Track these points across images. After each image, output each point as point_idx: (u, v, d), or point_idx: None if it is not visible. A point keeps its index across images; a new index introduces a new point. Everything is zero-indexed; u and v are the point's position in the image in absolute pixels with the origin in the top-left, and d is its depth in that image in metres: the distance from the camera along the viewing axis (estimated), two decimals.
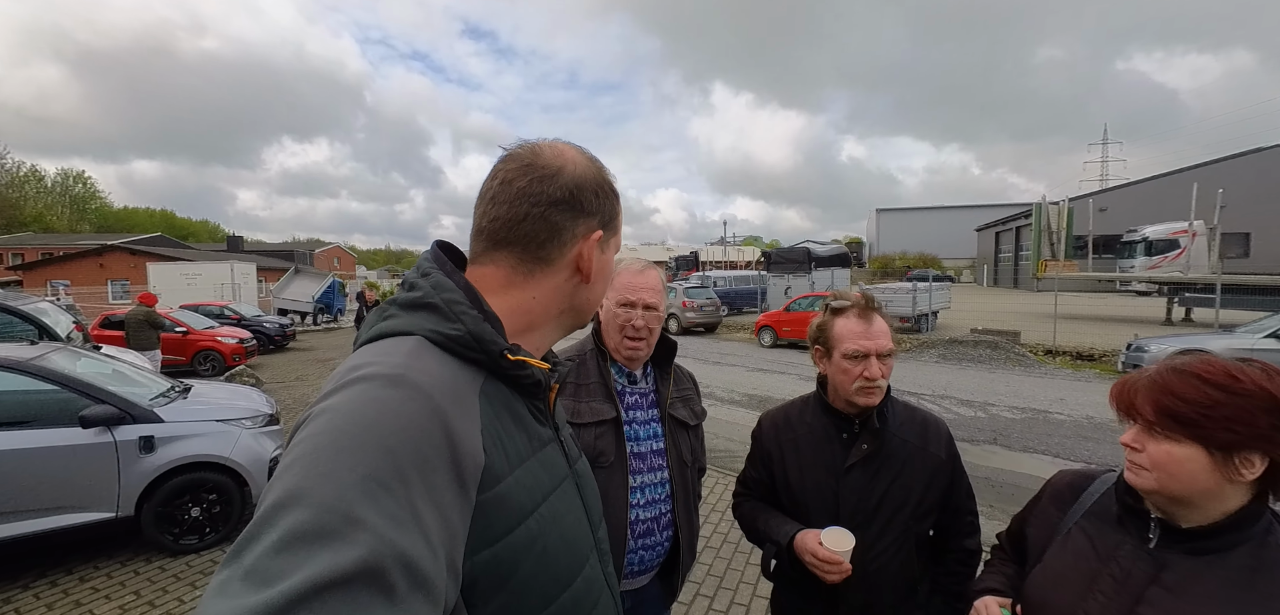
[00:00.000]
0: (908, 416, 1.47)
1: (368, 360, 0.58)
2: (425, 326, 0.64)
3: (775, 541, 1.44)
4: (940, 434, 1.46)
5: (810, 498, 1.45)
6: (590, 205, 0.73)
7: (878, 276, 37.80)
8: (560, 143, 0.75)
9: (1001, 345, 12.52)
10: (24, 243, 44.55)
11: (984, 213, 56.02)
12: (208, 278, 22.72)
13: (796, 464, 1.49)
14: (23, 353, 4.04)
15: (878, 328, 1.39)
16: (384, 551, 0.43)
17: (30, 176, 57.34)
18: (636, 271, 1.57)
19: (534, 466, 0.67)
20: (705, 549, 3.89)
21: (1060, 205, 17.89)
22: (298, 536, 0.42)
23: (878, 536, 1.38)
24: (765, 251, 25.55)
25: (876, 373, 1.35)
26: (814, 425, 1.49)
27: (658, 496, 1.55)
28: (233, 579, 0.41)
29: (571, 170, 0.72)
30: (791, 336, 14.67)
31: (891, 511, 1.39)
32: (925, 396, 8.81)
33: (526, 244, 0.71)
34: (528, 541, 0.62)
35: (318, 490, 0.45)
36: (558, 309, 0.76)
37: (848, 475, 1.40)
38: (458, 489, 0.54)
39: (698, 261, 45.59)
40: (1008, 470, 5.58)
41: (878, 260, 55.15)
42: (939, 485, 1.42)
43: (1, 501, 3.37)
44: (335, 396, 0.54)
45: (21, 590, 3.40)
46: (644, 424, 1.59)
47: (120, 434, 3.67)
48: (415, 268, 0.72)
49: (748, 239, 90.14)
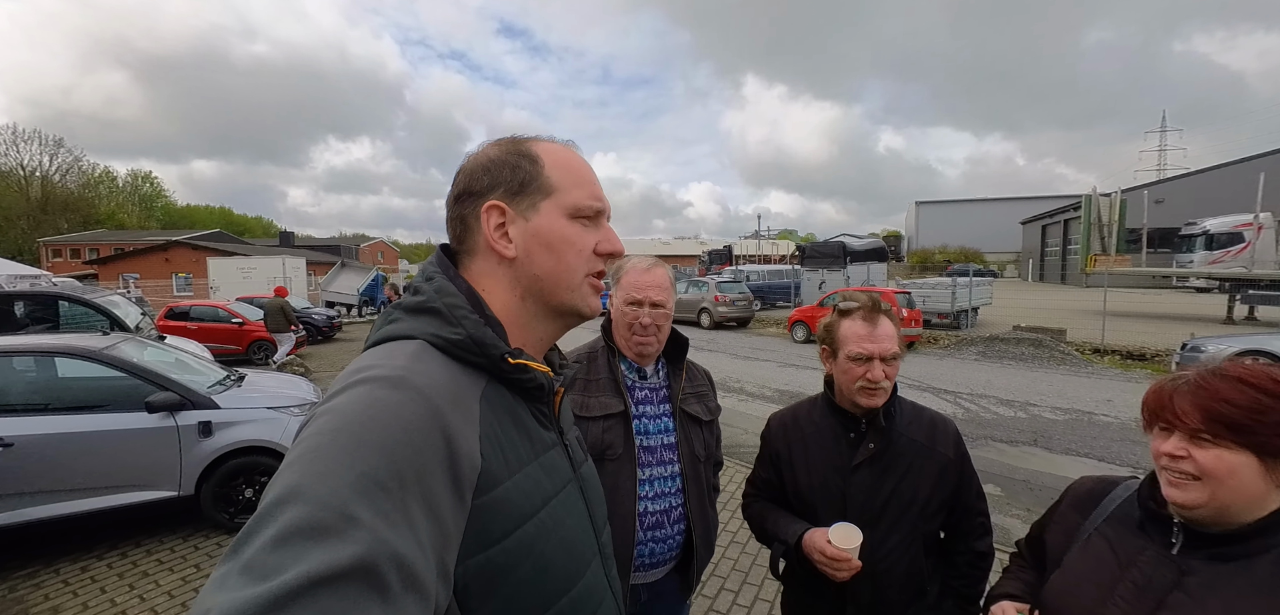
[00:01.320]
0: (915, 416, 1.48)
1: (371, 363, 0.60)
2: (427, 330, 0.65)
3: (783, 541, 1.46)
4: (948, 434, 1.46)
5: (818, 497, 1.46)
6: (480, 184, 0.72)
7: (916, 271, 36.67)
8: (500, 137, 0.78)
9: (1045, 343, 12.05)
10: (99, 239, 47.71)
11: (1030, 205, 53.66)
12: (261, 271, 23.81)
13: (804, 464, 1.50)
14: (95, 342, 4.39)
15: (883, 331, 1.40)
16: (378, 550, 0.44)
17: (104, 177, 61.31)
18: (643, 270, 1.59)
19: (534, 471, 0.67)
20: (731, 543, 3.94)
21: (1112, 197, 16.98)
22: (294, 532, 0.43)
23: (886, 536, 1.39)
24: (800, 245, 25.15)
25: (879, 375, 1.37)
26: (821, 425, 1.51)
27: (668, 490, 1.57)
28: (232, 572, 0.42)
29: (469, 163, 0.75)
30: None
31: (899, 511, 1.40)
32: (963, 395, 8.59)
33: (458, 244, 0.76)
34: (525, 546, 0.62)
35: (315, 488, 0.46)
36: (516, 296, 0.73)
37: (855, 474, 1.41)
38: (453, 492, 0.54)
39: (731, 255, 45.17)
40: (1048, 473, 5.42)
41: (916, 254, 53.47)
42: (947, 485, 1.43)
43: (78, 479, 3.71)
44: (338, 398, 0.56)
45: (96, 560, 3.73)
46: (654, 418, 1.61)
47: (181, 419, 3.97)
48: (420, 272, 0.73)
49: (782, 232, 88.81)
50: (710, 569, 3.60)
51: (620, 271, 1.63)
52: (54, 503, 3.66)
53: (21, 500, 3.58)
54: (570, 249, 0.73)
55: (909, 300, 13.55)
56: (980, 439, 6.46)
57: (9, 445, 3.54)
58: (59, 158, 53.57)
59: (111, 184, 62.74)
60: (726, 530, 4.13)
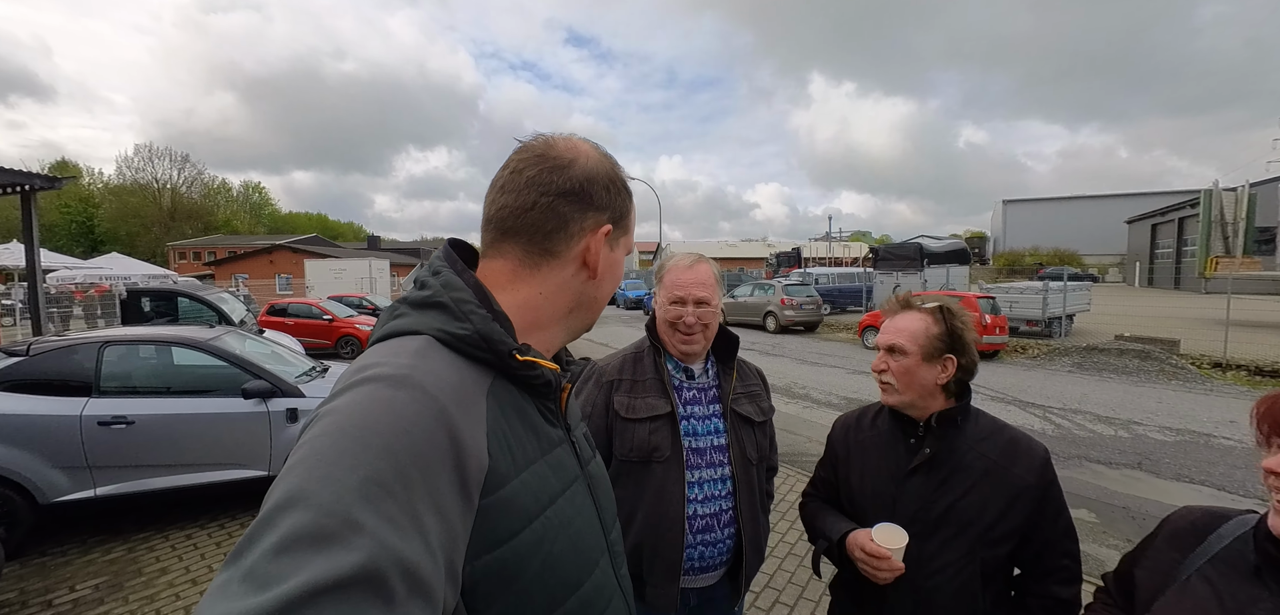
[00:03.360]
0: (993, 431, 1.36)
1: (375, 360, 0.58)
2: (433, 326, 0.63)
3: (826, 537, 1.42)
4: (1033, 458, 1.32)
5: (868, 501, 1.41)
6: (600, 199, 0.72)
7: (1003, 274, 34.01)
8: (576, 137, 0.75)
9: (1154, 355, 10.86)
10: (216, 243, 53.23)
11: (1136, 202, 48.50)
12: (351, 272, 25.83)
13: (861, 466, 1.46)
14: (204, 334, 4.88)
15: (895, 323, 1.39)
16: (382, 556, 0.43)
17: (221, 188, 68.37)
18: (685, 267, 1.55)
19: (542, 469, 0.66)
20: (788, 555, 3.82)
21: (1238, 192, 15.08)
22: (296, 539, 0.42)
23: (938, 551, 1.30)
24: (873, 247, 24.10)
25: (879, 366, 1.38)
26: (882, 428, 1.46)
27: (718, 493, 1.53)
28: (233, 580, 0.41)
29: (583, 163, 0.71)
30: None
31: (956, 527, 1.30)
32: (1053, 410, 7.90)
33: (533, 234, 0.70)
34: (533, 545, 0.61)
35: (317, 493, 0.44)
36: (566, 307, 0.74)
37: (908, 480, 1.35)
38: (460, 492, 0.53)
39: (799, 258, 43.99)
40: (1153, 500, 4.87)
41: (1003, 256, 49.67)
42: (1021, 513, 1.29)
43: (186, 456, 4.14)
44: (341, 397, 0.54)
45: (199, 529, 4.15)
46: (703, 419, 1.56)
47: (272, 406, 4.33)
48: (426, 265, 0.72)
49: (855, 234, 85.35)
50: (765, 580, 3.50)
51: (662, 270, 1.59)
52: (166, 476, 4.11)
53: (140, 472, 4.05)
54: (617, 282, 0.79)
55: (993, 306, 12.63)
56: (1073, 459, 5.90)
57: (131, 423, 4.01)
58: (185, 171, 60.41)
59: (227, 194, 69.81)
60: (784, 540, 4.01)
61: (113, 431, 3.97)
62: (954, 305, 1.41)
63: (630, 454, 1.50)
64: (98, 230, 53.91)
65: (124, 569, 3.62)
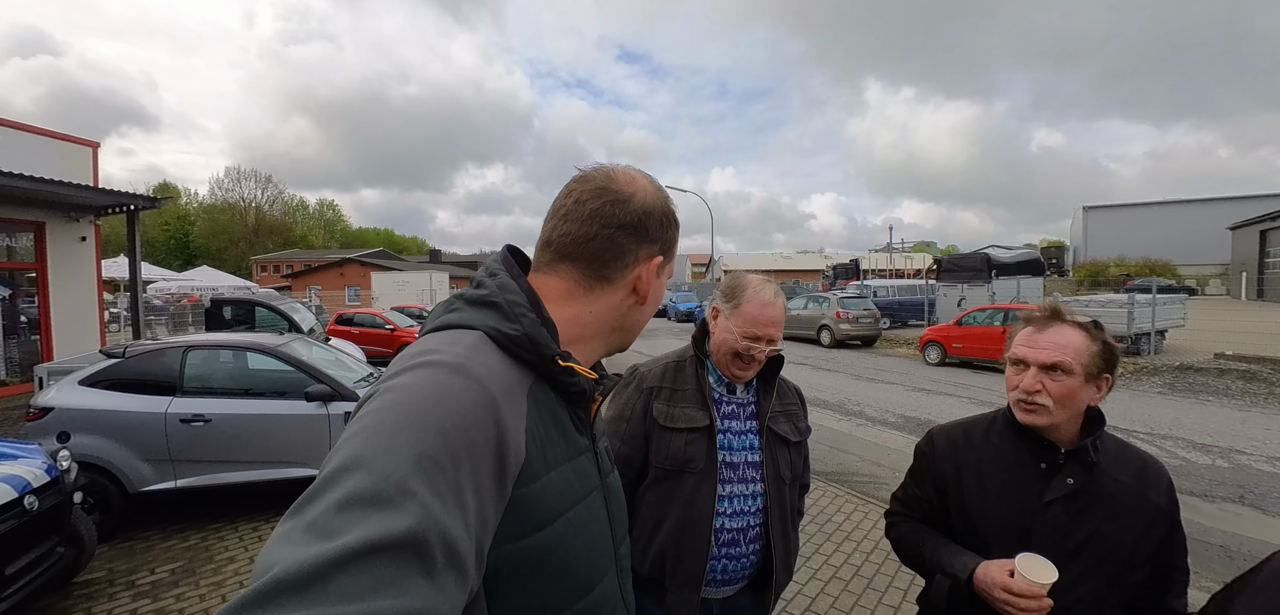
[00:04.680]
0: (1120, 453, 1.28)
1: (433, 348, 0.62)
2: (487, 323, 0.67)
3: (951, 573, 1.28)
4: (1160, 478, 1.25)
5: (993, 528, 1.28)
6: (655, 232, 0.77)
7: (1084, 285, 31.56)
8: (633, 170, 0.80)
9: (1261, 376, 9.79)
10: (293, 257, 57.18)
11: (1241, 206, 43.28)
12: (413, 285, 27.16)
13: (978, 489, 1.32)
14: (275, 340, 5.22)
15: (1049, 337, 1.23)
16: (429, 526, 0.46)
17: (299, 206, 73.45)
18: (767, 301, 1.50)
19: (568, 472, 0.69)
20: (833, 578, 3.66)
21: None
22: (357, 499, 0.46)
23: (1072, 585, 1.18)
24: (937, 258, 22.97)
25: (1033, 386, 1.22)
26: (1002, 447, 1.33)
27: (748, 509, 1.52)
28: (296, 529, 0.45)
29: (642, 198, 0.76)
30: (964, 354, 13.01)
31: (1096, 559, 1.20)
32: (1140, 435, 7.23)
33: (592, 261, 0.74)
34: (553, 543, 0.64)
35: (378, 460, 0.48)
36: (610, 326, 0.79)
37: (1047, 511, 1.23)
38: (497, 479, 0.57)
39: (858, 270, 42.55)
40: (1257, 539, 4.35)
41: (1084, 267, 46.19)
42: (1155, 536, 1.21)
43: (256, 453, 4.44)
44: (401, 377, 0.58)
45: (264, 523, 4.43)
46: (739, 434, 1.56)
47: (332, 408, 4.57)
48: (484, 268, 0.76)
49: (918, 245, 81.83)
50: (806, 603, 3.36)
51: (740, 298, 1.52)
52: (237, 471, 4.42)
53: (215, 466, 4.38)
54: (657, 306, 0.84)
55: None
56: None
57: (209, 421, 4.33)
58: (268, 190, 65.32)
59: (304, 211, 74.89)
60: (828, 562, 3.84)
61: (192, 428, 4.30)
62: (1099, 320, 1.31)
63: (665, 462, 1.51)
64: (192, 245, 59.03)
65: (196, 556, 3.90)
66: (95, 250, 10.05)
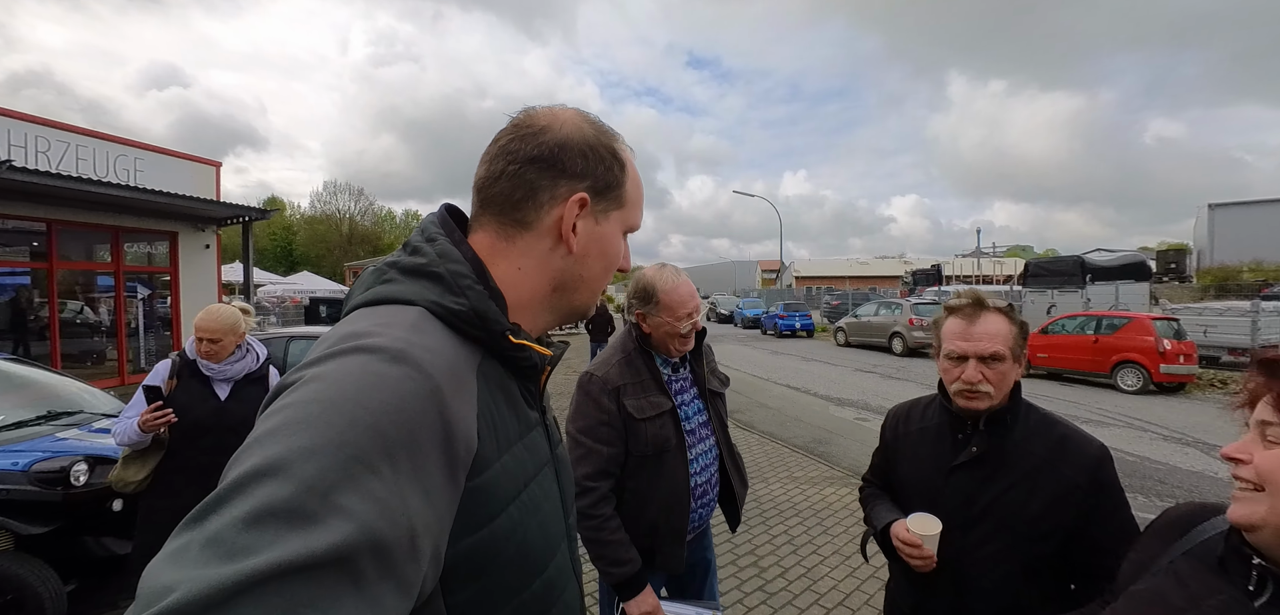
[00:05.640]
0: (1043, 428, 1.35)
1: (367, 329, 0.55)
2: (428, 297, 0.61)
3: (872, 525, 1.50)
4: (1083, 456, 1.28)
5: (914, 492, 1.45)
6: (575, 166, 0.68)
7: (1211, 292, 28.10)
8: (564, 107, 0.72)
9: None
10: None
11: None
12: None
13: (910, 458, 1.50)
14: None
15: (982, 329, 1.32)
16: (358, 539, 0.41)
17: (387, 216, 78.88)
18: (676, 281, 1.71)
19: (520, 450, 0.65)
20: (841, 564, 3.62)
21: None
22: (272, 512, 0.40)
23: (978, 545, 1.32)
24: (1030, 263, 21.32)
25: (974, 377, 1.30)
26: (930, 421, 1.49)
27: (708, 462, 1.80)
28: (192, 545, 0.39)
29: (558, 130, 0.68)
30: (1049, 365, 12.08)
31: (997, 522, 1.31)
32: None
33: (503, 204, 0.67)
34: (509, 529, 0.60)
35: (299, 466, 0.42)
36: (548, 285, 0.71)
37: (953, 475, 1.37)
38: (447, 475, 0.52)
39: (940, 276, 40.20)
40: None
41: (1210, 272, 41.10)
42: (1068, 511, 1.26)
43: None
44: (330, 363, 0.51)
45: None
46: (690, 403, 1.82)
47: None
48: (419, 229, 0.69)
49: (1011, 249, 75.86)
50: (864, 599, 3.35)
51: (657, 294, 1.70)
52: None
53: None
54: (613, 263, 0.75)
55: (1176, 330, 10.69)
56: None
57: None
58: (360, 202, 70.86)
59: (392, 221, 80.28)
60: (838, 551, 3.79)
61: None
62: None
63: (645, 449, 1.68)
64: (295, 253, 64.97)
65: None
66: (216, 256, 11.43)
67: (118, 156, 10.00)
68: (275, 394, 0.51)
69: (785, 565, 3.81)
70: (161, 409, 2.38)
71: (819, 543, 4.13)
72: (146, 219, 9.99)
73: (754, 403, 9.66)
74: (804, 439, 7.24)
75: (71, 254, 9.64)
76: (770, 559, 3.89)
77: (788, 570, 3.74)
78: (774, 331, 24.41)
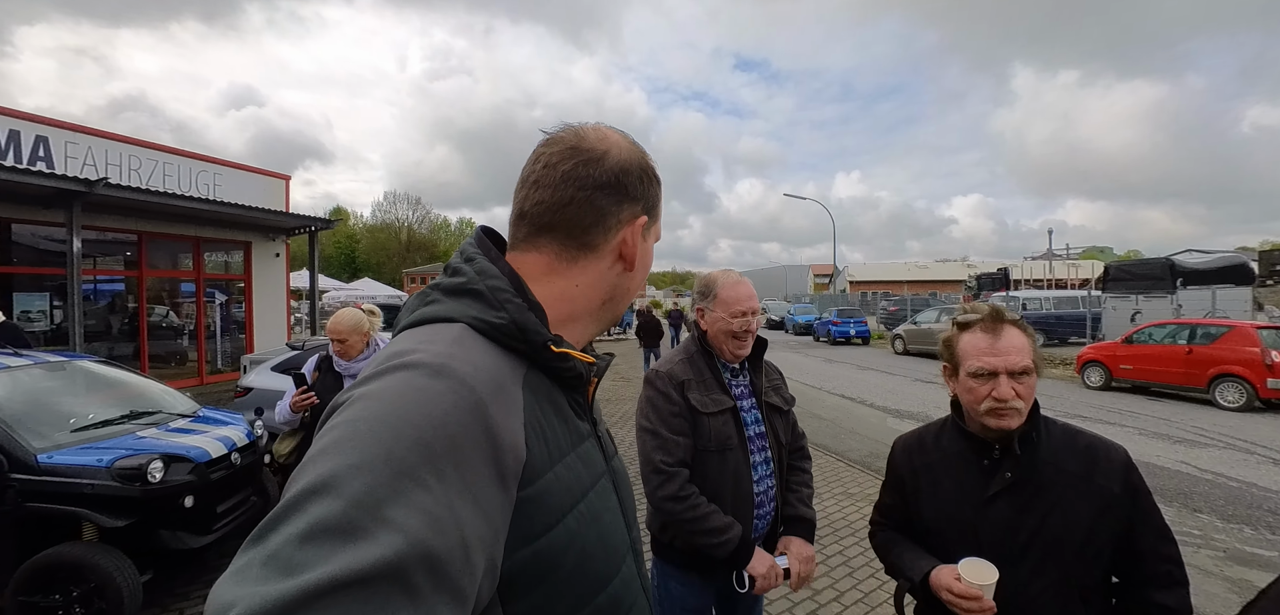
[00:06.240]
0: (1067, 441, 1.28)
1: (410, 347, 0.57)
2: (469, 313, 0.62)
3: (908, 577, 1.34)
4: (1113, 463, 1.23)
5: (947, 529, 1.33)
6: (635, 190, 0.72)
7: None
8: (604, 126, 0.74)
9: None
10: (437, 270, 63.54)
11: None
12: None
13: (932, 492, 1.37)
14: None
15: (1008, 343, 1.25)
16: (409, 552, 0.42)
17: (443, 224, 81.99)
18: (736, 283, 1.80)
19: (573, 461, 0.65)
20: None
21: None
22: (325, 528, 0.42)
23: (1029, 580, 1.21)
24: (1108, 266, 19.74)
25: (1007, 393, 1.22)
26: (949, 449, 1.37)
27: (764, 474, 1.77)
28: (254, 563, 0.41)
29: (616, 154, 0.71)
30: (1134, 377, 11.12)
31: (1045, 551, 1.21)
32: None
33: (571, 229, 0.69)
34: (567, 539, 0.60)
35: (349, 482, 0.44)
36: (600, 299, 0.73)
37: (990, 506, 1.26)
38: (498, 485, 0.53)
39: (1007, 279, 37.98)
40: None
41: None
42: (1112, 524, 1.20)
43: None
44: (376, 383, 0.53)
45: None
46: (748, 411, 1.81)
47: None
48: (458, 253, 0.71)
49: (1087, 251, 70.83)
50: None
51: (716, 291, 1.79)
52: None
53: None
54: (647, 273, 0.79)
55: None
56: None
57: None
58: (417, 211, 73.93)
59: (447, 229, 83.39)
60: None
61: None
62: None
63: (709, 443, 1.71)
64: (357, 260, 68.36)
65: None
66: (285, 264, 12.10)
67: (199, 172, 10.76)
68: (329, 413, 0.53)
69: (840, 588, 3.60)
70: (306, 393, 2.88)
71: (876, 564, 3.89)
72: (224, 230, 10.70)
73: (806, 413, 9.33)
74: (860, 453, 6.93)
75: (158, 262, 10.43)
76: (823, 580, 3.69)
77: (843, 594, 3.54)
78: (827, 338, 23.72)
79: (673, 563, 1.77)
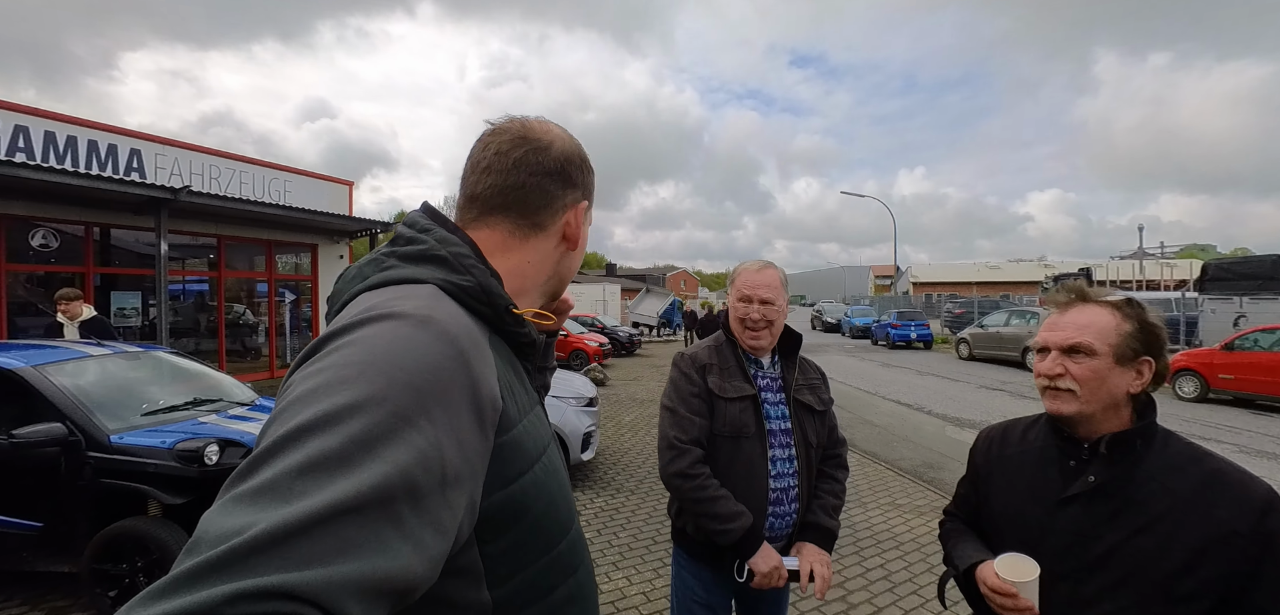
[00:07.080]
0: (1188, 461, 1.09)
1: (389, 300, 0.59)
2: (437, 277, 0.65)
3: (954, 565, 1.27)
4: (1244, 498, 1.01)
5: (1009, 527, 1.22)
6: (577, 177, 0.80)
7: None
8: (545, 119, 0.82)
9: None
10: None
11: None
12: (588, 296, 29.84)
13: (1004, 486, 1.27)
14: None
15: (1071, 318, 1.13)
16: (398, 484, 0.45)
17: None
18: (755, 271, 1.78)
19: (533, 419, 0.69)
20: None
21: None
22: (322, 462, 0.44)
23: (1096, 599, 1.08)
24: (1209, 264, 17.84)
25: (1053, 369, 1.13)
26: (1033, 443, 1.25)
27: (786, 471, 1.72)
28: (243, 496, 0.42)
29: (560, 145, 0.78)
30: (1235, 388, 10.02)
31: (1124, 572, 1.05)
32: None
33: (522, 210, 0.75)
34: (536, 488, 0.65)
35: (346, 421, 0.46)
36: (545, 275, 0.80)
37: (1064, 508, 1.13)
38: (479, 430, 0.56)
39: (1090, 280, 35.05)
40: None
41: None
42: (1222, 564, 0.99)
43: None
44: (362, 330, 0.55)
45: None
46: (774, 404, 1.77)
47: None
48: (406, 224, 0.73)
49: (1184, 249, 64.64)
50: None
51: (735, 276, 1.82)
52: None
53: None
54: (584, 252, 0.86)
55: None
56: None
57: None
58: None
59: None
60: None
61: None
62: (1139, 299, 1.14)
63: (724, 428, 1.70)
64: None
65: None
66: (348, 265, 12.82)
67: (271, 180, 11.55)
68: (304, 358, 0.56)
69: (879, 603, 3.40)
70: None
71: (921, 579, 3.65)
72: (293, 233, 11.42)
73: (857, 419, 8.96)
74: (912, 462, 6.57)
75: (236, 264, 11.25)
76: (861, 595, 3.49)
77: (882, 610, 3.33)
78: (886, 342, 22.77)
79: (687, 552, 1.77)
